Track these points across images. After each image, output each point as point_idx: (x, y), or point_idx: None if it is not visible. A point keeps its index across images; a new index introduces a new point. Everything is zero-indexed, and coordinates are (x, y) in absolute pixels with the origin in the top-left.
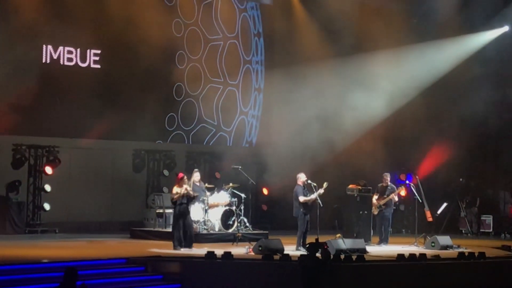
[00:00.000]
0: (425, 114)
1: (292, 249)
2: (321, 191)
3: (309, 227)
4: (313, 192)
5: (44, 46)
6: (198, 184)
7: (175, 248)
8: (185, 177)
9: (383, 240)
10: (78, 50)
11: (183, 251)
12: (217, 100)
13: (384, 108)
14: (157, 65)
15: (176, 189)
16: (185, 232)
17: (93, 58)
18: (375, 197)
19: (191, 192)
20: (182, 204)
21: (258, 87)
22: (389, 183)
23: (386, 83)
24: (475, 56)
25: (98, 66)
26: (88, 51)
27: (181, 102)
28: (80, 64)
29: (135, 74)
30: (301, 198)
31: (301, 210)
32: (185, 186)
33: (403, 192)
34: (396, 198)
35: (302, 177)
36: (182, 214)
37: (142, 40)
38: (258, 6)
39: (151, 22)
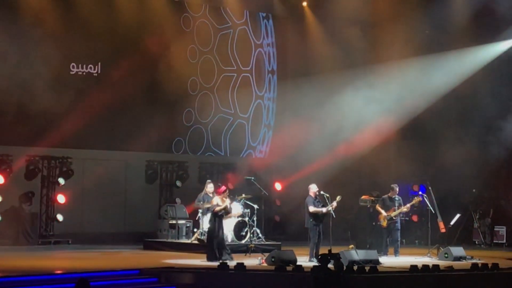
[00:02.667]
0: (438, 124)
1: (304, 260)
2: (334, 204)
3: (321, 238)
4: (325, 203)
5: (60, 57)
6: (211, 195)
7: (209, 260)
8: (227, 191)
9: (395, 252)
10: (92, 62)
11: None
12: (232, 88)
13: (397, 119)
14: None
15: (216, 200)
16: (222, 245)
17: (107, 72)
18: (380, 209)
19: (229, 208)
20: (221, 217)
21: (271, 69)
22: (396, 194)
23: (399, 93)
24: (489, 66)
25: (111, 79)
26: (99, 63)
27: (196, 96)
28: (93, 74)
29: (147, 79)
30: (311, 209)
31: (311, 220)
32: (227, 200)
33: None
34: (408, 210)
35: (313, 188)
36: (219, 226)
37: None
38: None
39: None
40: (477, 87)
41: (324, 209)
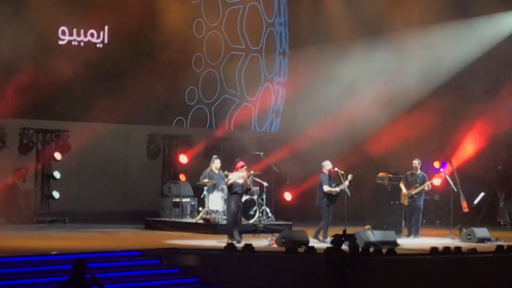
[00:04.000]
0: (460, 96)
1: (316, 241)
2: (346, 183)
3: (330, 219)
4: (339, 181)
5: (58, 27)
6: (217, 171)
7: (237, 242)
8: (246, 167)
9: (414, 232)
10: (91, 30)
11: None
12: (239, 69)
13: (416, 90)
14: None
15: (235, 176)
16: (238, 226)
17: (106, 36)
18: (402, 186)
19: (248, 185)
20: (237, 194)
21: (283, 51)
22: (419, 170)
23: (418, 64)
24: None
25: (111, 44)
26: (102, 31)
27: (201, 74)
28: (92, 43)
29: (150, 49)
30: (326, 188)
31: (325, 200)
32: (245, 177)
33: (437, 181)
34: (431, 187)
35: (327, 165)
36: (237, 204)
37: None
38: None
39: None
40: (507, 56)
41: (337, 188)
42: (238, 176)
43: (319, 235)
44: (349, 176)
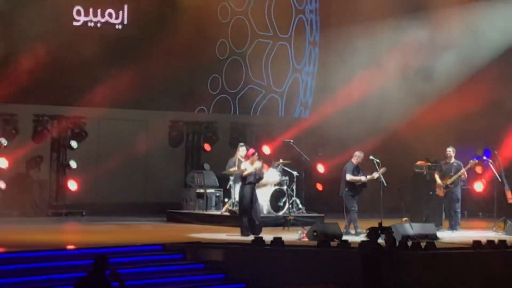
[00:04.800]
0: (506, 76)
1: (351, 235)
2: (376, 175)
3: (357, 207)
4: (370, 172)
5: (73, 7)
6: (243, 160)
7: (242, 235)
8: (257, 154)
9: (455, 225)
10: (109, 10)
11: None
12: (266, 57)
13: (456, 71)
14: (197, 20)
15: (245, 165)
16: (251, 220)
17: (125, 18)
18: (437, 176)
19: (263, 171)
20: (251, 184)
21: (313, 41)
22: (453, 159)
23: (457, 42)
24: None
25: (130, 27)
26: (120, 11)
27: (225, 62)
28: (110, 25)
29: (171, 32)
30: (348, 177)
31: (347, 190)
32: (257, 163)
33: (477, 169)
34: (466, 175)
35: (357, 155)
36: (251, 196)
37: None
38: None
39: None
40: None
41: (363, 178)
42: (247, 165)
43: (350, 229)
44: (382, 169)
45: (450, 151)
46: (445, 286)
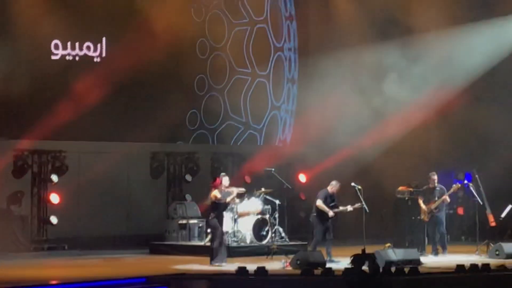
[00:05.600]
0: (485, 102)
1: (335, 263)
2: (349, 208)
3: (331, 236)
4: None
5: (49, 41)
6: (227, 190)
7: (214, 263)
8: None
9: (442, 249)
10: (87, 43)
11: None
12: (245, 93)
13: (437, 96)
14: (176, 55)
15: (216, 194)
16: (221, 247)
17: (103, 51)
18: (421, 202)
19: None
20: (222, 213)
21: (292, 78)
22: (436, 183)
23: (438, 66)
24: None
25: (109, 59)
26: (99, 44)
27: (203, 97)
28: (88, 58)
29: (151, 67)
30: (318, 202)
31: (315, 215)
32: (234, 189)
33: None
34: (449, 200)
35: (333, 185)
36: (220, 223)
37: (158, 28)
38: None
39: (167, 6)
40: None
41: (330, 212)
42: (217, 193)
43: (332, 256)
44: (357, 205)
45: (431, 175)
46: None
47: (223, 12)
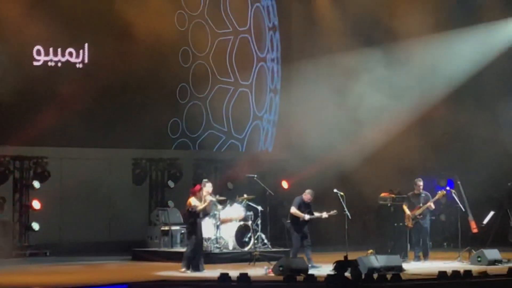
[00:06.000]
0: (467, 109)
1: (318, 269)
2: (325, 215)
3: (309, 242)
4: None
5: (32, 46)
6: (209, 196)
7: (186, 269)
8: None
9: (424, 255)
10: (69, 49)
11: (190, 274)
12: (227, 103)
13: (418, 103)
14: (159, 63)
15: (194, 202)
16: (198, 255)
17: (85, 57)
18: (405, 208)
19: (210, 208)
20: (200, 220)
21: (274, 88)
22: (421, 190)
23: (421, 73)
24: None
25: (91, 66)
26: (81, 50)
27: (185, 106)
28: (71, 64)
29: (133, 74)
30: (292, 209)
31: (288, 222)
32: (209, 197)
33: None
34: (433, 206)
35: (307, 193)
36: (199, 230)
37: (142, 36)
38: None
39: (150, 14)
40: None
41: (306, 217)
42: (195, 201)
43: (314, 262)
44: (333, 212)
45: (417, 182)
46: None
47: (207, 21)
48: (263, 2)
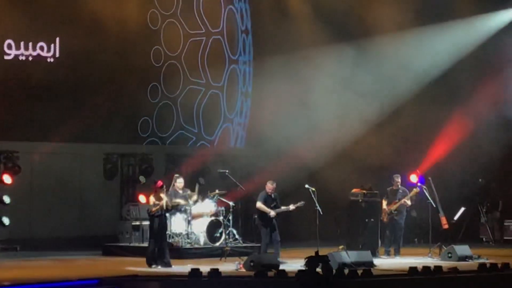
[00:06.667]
0: (436, 104)
1: (289, 264)
2: (291, 207)
3: (277, 238)
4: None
5: (2, 40)
6: (181, 191)
7: (149, 265)
8: (164, 187)
9: (395, 251)
10: (40, 43)
11: (160, 269)
12: (198, 104)
13: (390, 100)
14: (130, 60)
15: (152, 199)
16: (161, 249)
17: (57, 51)
18: (384, 202)
19: (169, 205)
20: (160, 216)
21: (246, 91)
22: (399, 185)
23: (391, 71)
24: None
25: (62, 60)
26: (52, 44)
27: (156, 105)
28: (42, 58)
29: (104, 71)
30: (258, 204)
31: (256, 217)
32: (164, 198)
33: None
34: (409, 203)
35: (269, 184)
36: (160, 227)
37: (114, 32)
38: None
39: (123, 12)
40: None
41: (272, 213)
42: (154, 199)
43: (281, 258)
44: (300, 203)
45: (394, 177)
46: None
47: (179, 22)
48: (236, 5)
